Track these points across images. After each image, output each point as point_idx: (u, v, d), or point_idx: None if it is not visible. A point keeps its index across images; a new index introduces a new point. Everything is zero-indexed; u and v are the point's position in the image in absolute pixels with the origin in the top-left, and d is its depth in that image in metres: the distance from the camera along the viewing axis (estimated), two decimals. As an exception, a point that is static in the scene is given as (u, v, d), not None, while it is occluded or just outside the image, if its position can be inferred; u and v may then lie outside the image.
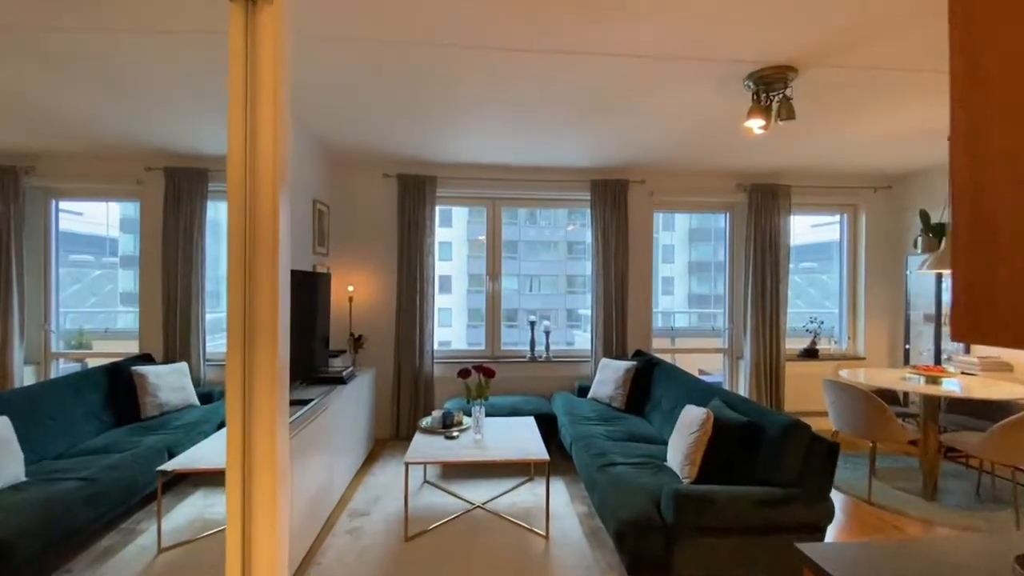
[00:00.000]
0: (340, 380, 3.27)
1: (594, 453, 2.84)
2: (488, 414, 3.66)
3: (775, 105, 2.48)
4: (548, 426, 3.75)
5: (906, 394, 4.06)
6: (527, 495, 3.17)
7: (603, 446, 2.95)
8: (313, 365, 3.23)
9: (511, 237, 21.17)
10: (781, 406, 4.56)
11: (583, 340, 5.25)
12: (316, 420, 2.60)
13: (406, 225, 4.26)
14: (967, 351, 4.10)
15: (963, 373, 3.75)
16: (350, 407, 3.30)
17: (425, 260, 4.27)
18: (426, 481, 3.36)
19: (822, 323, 4.88)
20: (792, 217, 4.61)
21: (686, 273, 25.13)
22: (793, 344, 4.77)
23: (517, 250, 21.40)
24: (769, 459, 2.23)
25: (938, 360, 4.21)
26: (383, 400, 4.34)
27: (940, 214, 4.32)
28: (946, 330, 4.20)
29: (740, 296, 4.72)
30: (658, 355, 4.54)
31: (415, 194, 4.26)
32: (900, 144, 3.68)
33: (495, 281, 4.61)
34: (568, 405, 3.86)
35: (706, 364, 7.19)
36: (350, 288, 4.21)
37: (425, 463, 2.63)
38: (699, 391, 3.12)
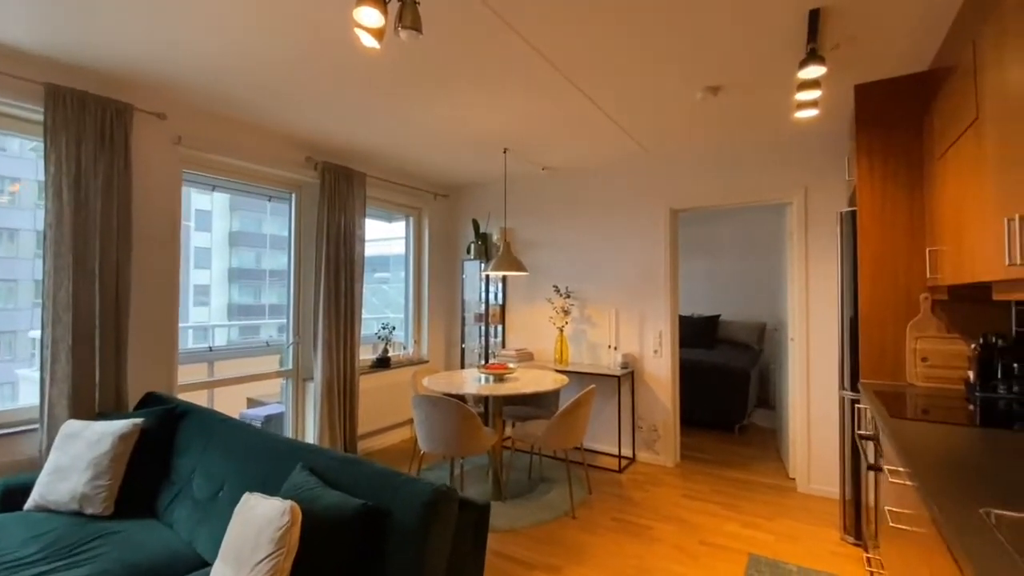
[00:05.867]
0: None
1: None
2: None
3: (395, 7, 1.65)
4: None
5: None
6: None
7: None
8: None
9: None
10: (355, 428, 3.85)
11: (32, 390, 2.84)
12: None
13: None
14: (504, 346, 4.67)
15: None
16: None
17: None
18: None
19: (393, 329, 4.56)
20: (367, 219, 4.01)
21: (225, 281, 21.97)
22: (363, 355, 4.20)
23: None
24: (404, 566, 1.32)
25: (487, 356, 4.62)
26: None
27: (486, 224, 4.80)
28: (492, 327, 4.66)
29: (310, 302, 3.72)
30: (188, 395, 2.92)
31: None
32: (463, 149, 3.70)
33: None
34: (-48, 550, 1.71)
35: (256, 389, 5.75)
36: None
37: None
38: (265, 455, 1.89)
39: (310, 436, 3.67)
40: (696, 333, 6.00)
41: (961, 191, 1.81)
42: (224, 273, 21.54)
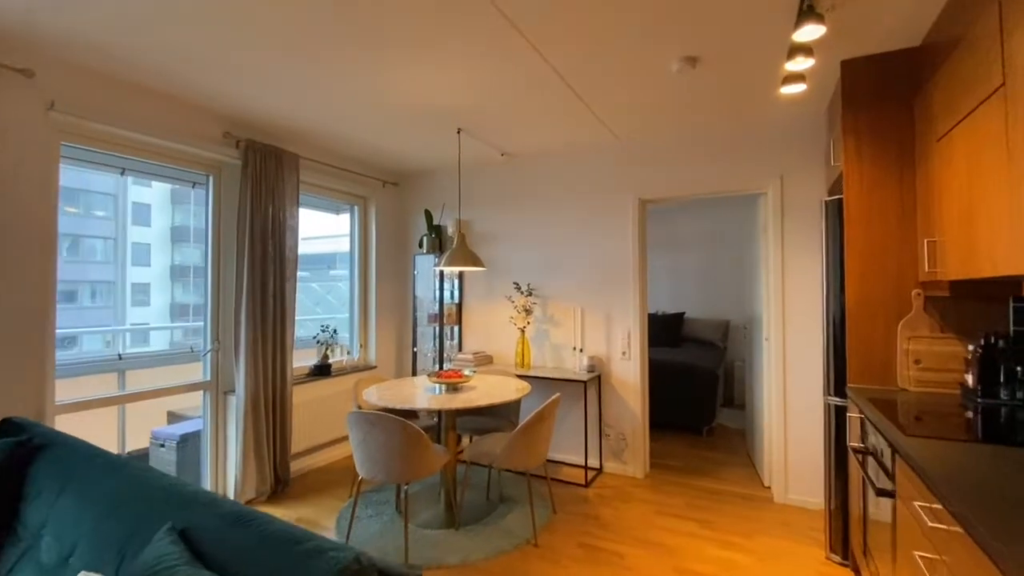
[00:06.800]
0: None
1: None
2: None
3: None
4: None
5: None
6: None
7: None
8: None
9: None
10: (287, 447, 3.37)
11: None
12: None
13: None
14: (461, 348, 4.28)
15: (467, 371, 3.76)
16: None
17: None
18: None
19: (335, 331, 4.07)
20: (301, 209, 3.51)
21: (168, 279, 20.48)
22: (300, 361, 3.72)
23: None
24: None
25: (441, 360, 4.21)
26: None
27: (440, 216, 4.39)
28: (448, 328, 4.26)
29: (230, 301, 3.21)
30: (75, 417, 2.39)
31: None
32: (412, 127, 3.29)
33: None
34: None
35: (181, 402, 5.11)
36: None
37: None
38: (132, 507, 1.43)
39: (232, 458, 3.17)
40: (661, 332, 5.80)
41: (975, 173, 1.58)
42: (166, 271, 20.01)
